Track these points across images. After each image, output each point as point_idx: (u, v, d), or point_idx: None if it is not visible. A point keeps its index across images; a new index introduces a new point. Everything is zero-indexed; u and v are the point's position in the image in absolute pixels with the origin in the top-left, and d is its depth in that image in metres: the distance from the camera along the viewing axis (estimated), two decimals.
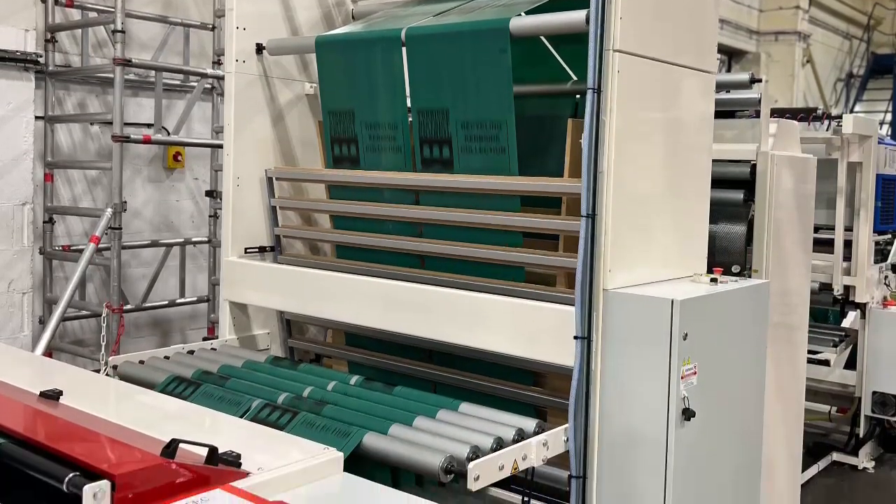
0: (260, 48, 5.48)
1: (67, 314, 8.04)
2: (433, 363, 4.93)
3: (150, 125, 8.66)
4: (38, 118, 8.31)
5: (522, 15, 4.49)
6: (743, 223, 5.53)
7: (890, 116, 27.11)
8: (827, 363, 7.66)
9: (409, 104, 4.94)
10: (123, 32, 7.84)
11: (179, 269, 9.46)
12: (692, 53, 4.52)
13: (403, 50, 4.86)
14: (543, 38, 5.07)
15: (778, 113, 6.83)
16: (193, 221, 9.95)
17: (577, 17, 4.14)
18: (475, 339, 4.41)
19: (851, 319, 8.00)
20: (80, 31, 8.77)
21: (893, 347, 7.60)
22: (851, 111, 26.01)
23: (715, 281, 4.34)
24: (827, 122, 7.69)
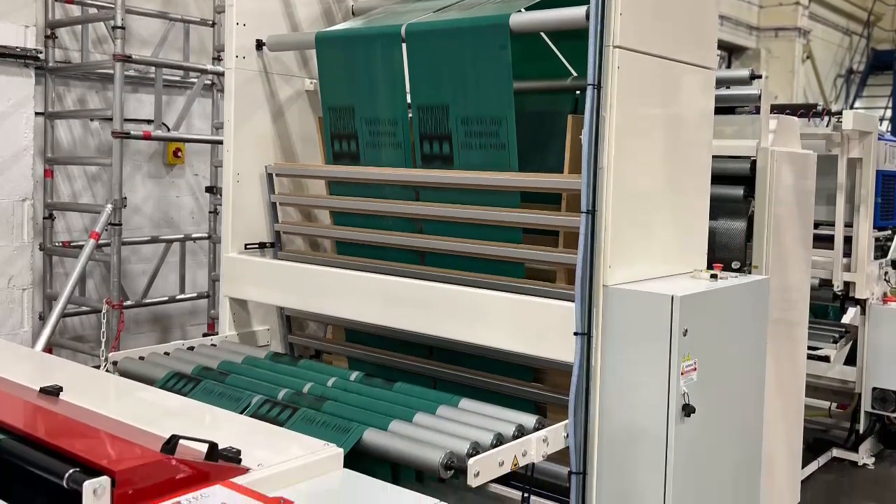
0: (260, 44, 5.47)
1: (67, 310, 8.03)
2: (433, 359, 4.93)
3: (150, 121, 8.65)
4: (38, 114, 8.31)
5: (522, 11, 4.49)
6: (743, 219, 5.53)
7: (890, 112, 27.10)
8: (827, 359, 7.65)
9: (409, 100, 4.94)
10: (123, 28, 7.83)
11: (179, 265, 9.46)
12: (692, 49, 4.52)
13: (403, 46, 4.86)
14: (543, 34, 5.07)
15: (778, 109, 6.82)
16: (193, 217, 9.95)
17: (577, 13, 4.14)
18: (475, 335, 4.41)
19: (851, 315, 7.99)
20: (80, 27, 8.76)
21: (893, 343, 7.59)
22: (851, 107, 26.02)
23: (715, 277, 4.34)
24: (827, 118, 7.68)
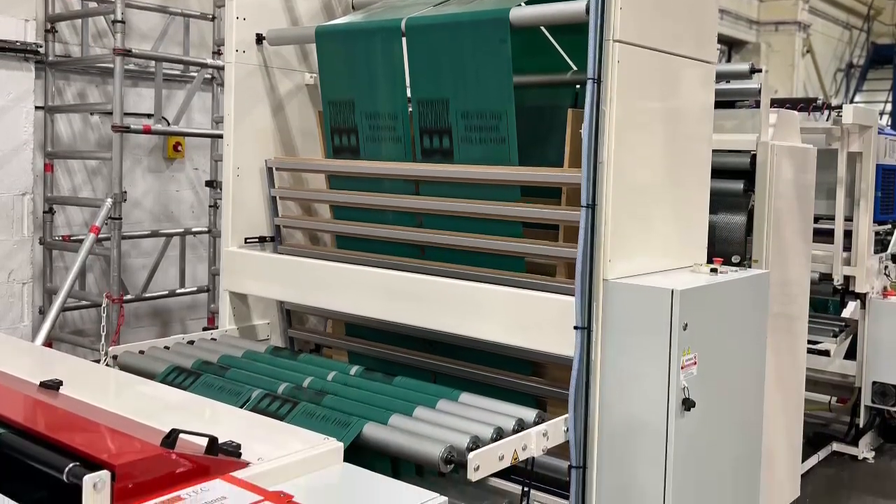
0: (260, 38, 5.47)
1: (67, 304, 8.03)
2: (433, 353, 4.93)
3: (150, 115, 8.64)
4: (38, 108, 8.30)
5: (522, 5, 4.48)
6: (743, 213, 5.53)
7: (890, 106, 27.08)
8: (827, 353, 7.65)
9: (409, 94, 4.94)
10: (123, 22, 7.82)
11: (179, 259, 9.45)
12: (692, 43, 4.51)
13: (403, 40, 4.85)
14: (543, 28, 5.06)
15: (778, 103, 6.81)
16: (193, 211, 9.94)
17: (577, 7, 4.14)
18: (475, 328, 4.41)
19: (851, 309, 7.99)
20: (80, 21, 8.75)
21: (893, 337, 7.59)
22: (851, 101, 26.00)
23: (715, 271, 4.34)
24: (827, 112, 7.67)
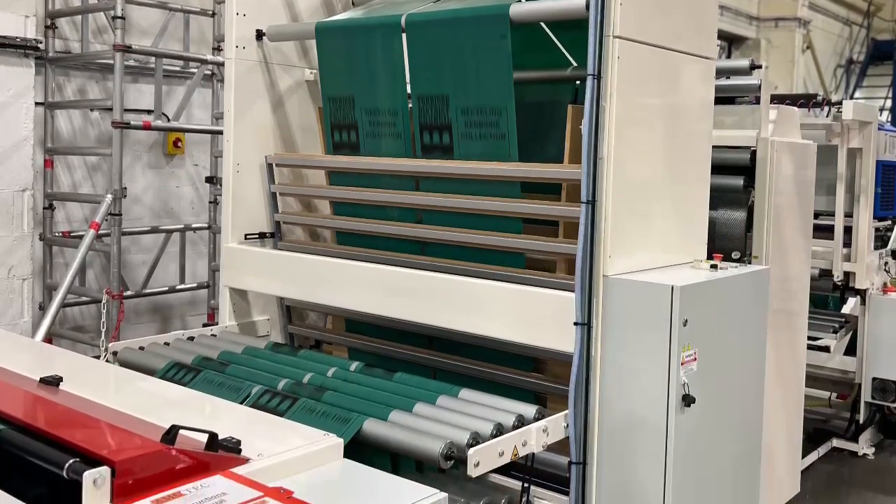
0: (260, 34, 5.47)
1: (67, 300, 8.03)
2: (433, 349, 4.93)
3: (150, 111, 8.63)
4: (38, 104, 8.29)
5: (522, 1, 4.48)
6: (743, 209, 5.53)
7: (890, 103, 27.05)
8: (827, 349, 7.65)
9: (409, 90, 4.94)
10: (123, 18, 7.81)
11: (179, 255, 9.45)
12: (692, 39, 4.51)
13: (403, 36, 4.85)
14: (543, 24, 5.06)
15: (778, 99, 6.82)
16: (193, 207, 9.94)
17: (576, 3, 4.13)
18: (475, 325, 4.42)
19: (851, 305, 7.99)
20: (80, 17, 8.74)
21: (893, 334, 7.59)
22: (851, 97, 25.97)
23: (715, 267, 4.34)
24: (827, 108, 7.67)
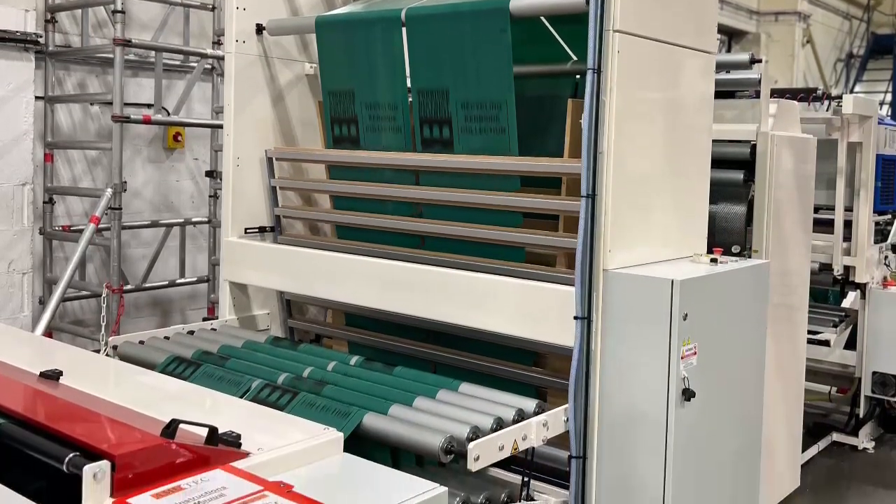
0: (260, 28, 5.47)
1: (67, 294, 8.03)
2: (433, 343, 4.94)
3: (150, 105, 8.63)
4: (38, 98, 8.29)
5: None
6: (743, 203, 5.53)
7: (890, 97, 27.03)
8: (827, 343, 7.64)
9: (409, 84, 4.94)
10: (123, 13, 7.80)
11: (179, 249, 9.45)
12: (692, 34, 4.51)
13: (403, 30, 4.85)
14: (543, 18, 5.05)
15: (778, 93, 6.80)
16: (193, 202, 9.93)
17: None
18: (475, 319, 4.42)
19: (851, 300, 7.97)
20: (79, 11, 8.73)
21: (893, 328, 7.58)
22: (851, 91, 25.93)
23: (715, 261, 4.34)
24: (827, 102, 7.65)
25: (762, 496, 4.95)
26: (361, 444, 3.54)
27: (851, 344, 7.93)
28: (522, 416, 3.87)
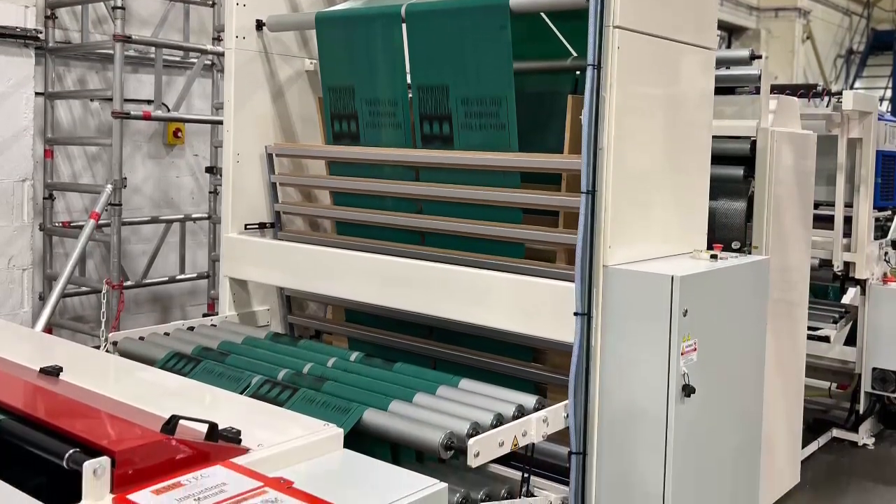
0: (260, 24, 5.46)
1: (67, 290, 8.03)
2: (433, 339, 4.94)
3: (150, 101, 8.62)
4: (38, 94, 8.28)
5: None
6: (743, 199, 5.53)
7: (890, 93, 27.04)
8: (827, 339, 7.65)
9: (409, 80, 4.93)
10: (123, 9, 7.79)
11: (179, 245, 9.44)
12: (692, 29, 4.51)
13: (403, 26, 4.85)
14: (543, 14, 5.05)
15: (778, 89, 6.81)
16: (193, 198, 9.93)
17: None
18: (475, 315, 4.42)
19: (851, 296, 7.99)
20: (80, 7, 8.72)
21: (893, 324, 7.59)
22: (851, 87, 25.94)
23: (715, 257, 4.34)
24: (827, 98, 7.65)
25: (762, 492, 4.95)
26: (361, 440, 3.54)
27: (851, 340, 7.94)
28: (522, 412, 3.87)
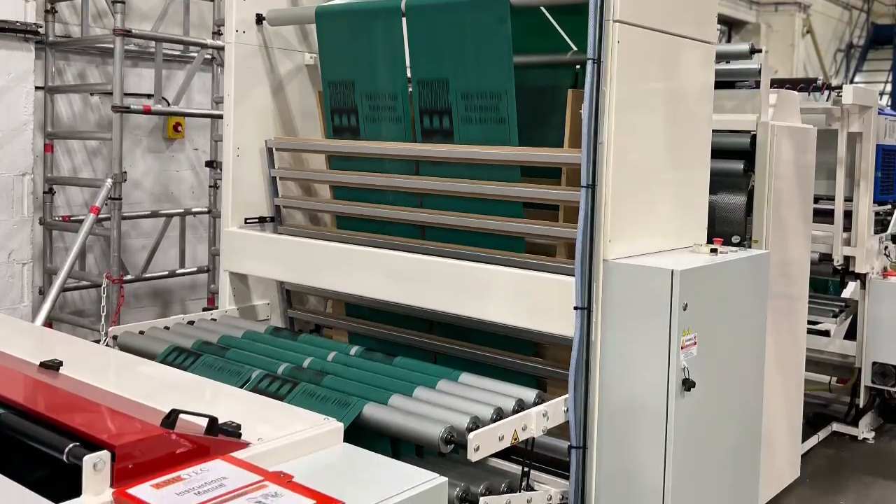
0: (260, 18, 5.46)
1: (67, 285, 8.02)
2: (433, 334, 4.94)
3: (150, 95, 8.61)
4: (38, 89, 8.27)
5: None
6: (743, 193, 5.53)
7: (890, 87, 27.03)
8: (827, 334, 7.65)
9: (409, 75, 4.93)
10: (123, 3, 7.79)
11: (179, 239, 9.44)
12: (692, 23, 4.50)
13: (403, 20, 4.84)
14: (543, 8, 5.05)
15: (778, 83, 6.80)
16: (193, 192, 9.92)
17: None
18: (475, 309, 4.42)
19: (851, 290, 7.98)
20: (80, 1, 8.71)
21: (893, 318, 7.58)
22: (851, 81, 25.91)
23: (715, 251, 4.34)
24: (827, 92, 7.64)
25: (762, 486, 4.95)
26: (361, 434, 3.54)
27: (851, 334, 7.93)
28: (522, 406, 3.87)
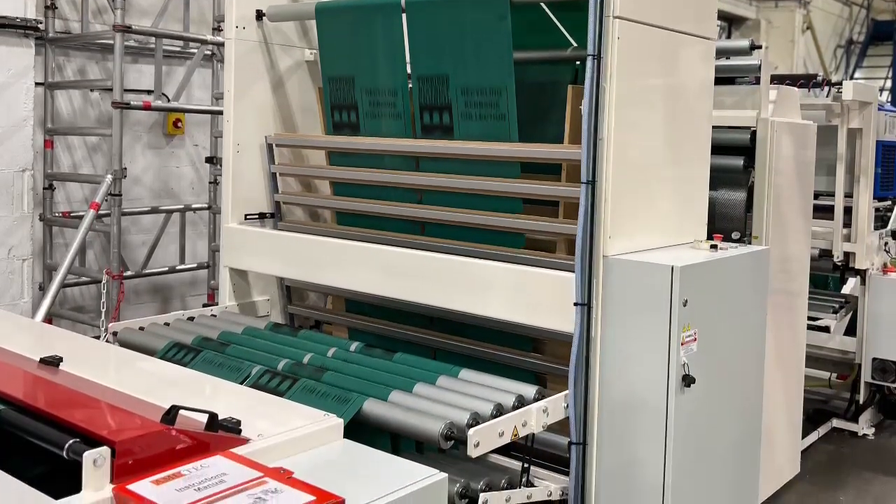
0: (260, 15, 5.45)
1: (67, 281, 8.03)
2: (433, 330, 4.94)
3: (150, 92, 8.61)
4: (38, 85, 8.26)
5: None
6: (743, 190, 5.53)
7: (890, 83, 27.02)
8: (827, 330, 7.66)
9: (409, 70, 4.93)
10: None
11: (179, 235, 9.44)
12: (692, 20, 4.50)
13: (403, 16, 4.84)
14: (543, 4, 5.05)
15: (778, 79, 6.79)
16: (193, 188, 9.92)
17: None
18: (475, 305, 4.42)
19: (851, 286, 7.98)
20: None
21: (893, 314, 7.58)
22: (851, 78, 25.91)
23: (715, 247, 4.34)
24: (827, 88, 7.63)
25: (762, 482, 4.95)
26: (361, 430, 3.54)
27: (851, 330, 7.94)
28: (522, 402, 3.87)
